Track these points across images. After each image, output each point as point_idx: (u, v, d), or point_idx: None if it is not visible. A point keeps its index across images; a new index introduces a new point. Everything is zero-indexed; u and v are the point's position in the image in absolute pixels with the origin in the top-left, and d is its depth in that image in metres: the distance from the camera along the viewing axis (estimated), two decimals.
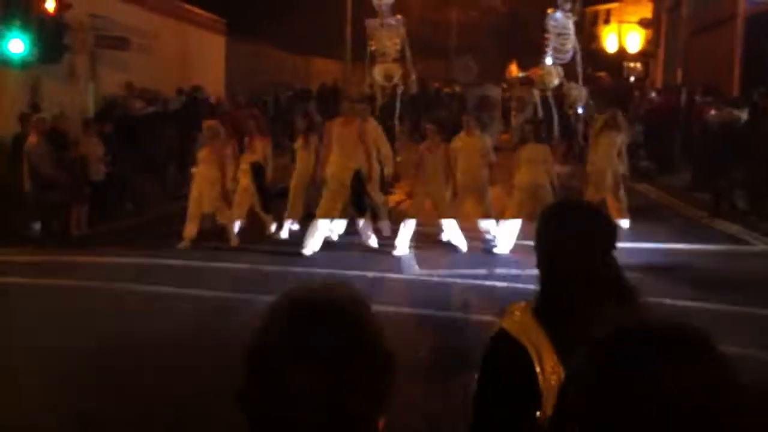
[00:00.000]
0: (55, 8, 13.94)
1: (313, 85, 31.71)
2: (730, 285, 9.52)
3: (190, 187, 11.85)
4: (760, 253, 11.76)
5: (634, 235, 11.63)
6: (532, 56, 37.46)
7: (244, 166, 12.05)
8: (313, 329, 1.35)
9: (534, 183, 11.12)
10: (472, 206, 11.66)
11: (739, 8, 19.80)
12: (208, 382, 5.99)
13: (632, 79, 27.86)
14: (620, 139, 12.70)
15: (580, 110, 17.14)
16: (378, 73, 15.67)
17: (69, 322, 7.98)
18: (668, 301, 8.36)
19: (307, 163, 11.82)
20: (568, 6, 17.09)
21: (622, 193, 12.70)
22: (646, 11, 32.92)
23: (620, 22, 36.56)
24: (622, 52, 34.87)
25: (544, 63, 17.62)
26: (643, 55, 31.35)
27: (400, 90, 16.17)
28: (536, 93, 18.36)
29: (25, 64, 14.09)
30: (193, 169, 11.86)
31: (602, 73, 33.06)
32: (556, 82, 17.20)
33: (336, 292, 1.42)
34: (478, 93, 23.77)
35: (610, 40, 38.21)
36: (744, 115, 14.98)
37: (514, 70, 34.06)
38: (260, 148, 12.22)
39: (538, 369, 2.26)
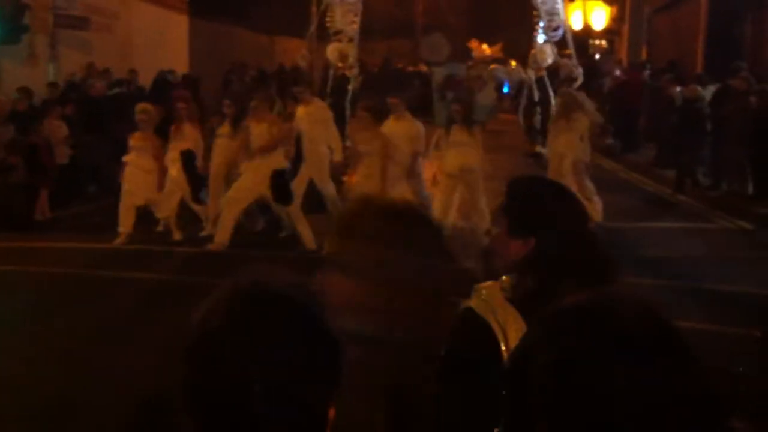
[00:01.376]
0: None
1: (276, 64, 31.49)
2: (690, 262, 9.65)
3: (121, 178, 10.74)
4: (721, 230, 11.91)
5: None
6: (499, 34, 37.56)
7: (173, 154, 10.84)
8: (263, 316, 1.33)
9: (462, 168, 10.03)
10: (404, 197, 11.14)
11: None
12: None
13: (597, 56, 27.91)
14: (582, 123, 11.57)
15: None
16: (332, 52, 15.21)
17: (31, 309, 7.90)
18: (630, 277, 8.44)
19: (227, 154, 10.76)
20: None
21: (588, 183, 11.48)
22: None
23: None
24: (587, 30, 34.92)
25: (535, 42, 17.44)
26: (608, 33, 31.41)
27: (355, 71, 15.71)
28: (530, 73, 18.07)
29: None
30: (125, 158, 10.73)
31: (568, 51, 33.18)
32: (549, 60, 17.01)
33: (280, 278, 1.41)
34: (444, 72, 23.64)
35: (575, 18, 38.22)
36: (708, 93, 15.10)
37: (477, 47, 33.99)
38: (191, 134, 11.03)
39: (503, 346, 2.27)
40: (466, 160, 10.04)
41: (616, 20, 30.88)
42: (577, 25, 38.91)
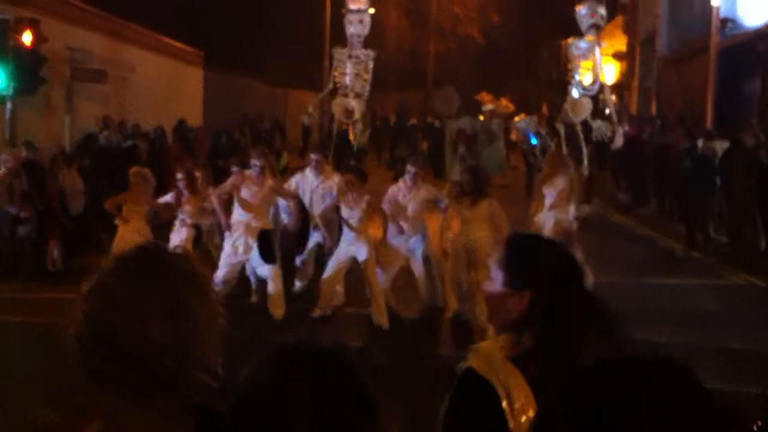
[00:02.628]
0: (32, 41, 13.94)
1: (290, 117, 31.77)
2: (702, 318, 9.60)
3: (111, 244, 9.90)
4: (732, 286, 11.85)
5: (609, 268, 11.66)
6: (509, 86, 37.92)
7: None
8: (308, 374, 1.39)
9: (466, 248, 8.83)
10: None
11: (711, 41, 20.08)
12: None
13: (607, 111, 28.10)
14: (564, 182, 10.36)
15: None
16: (337, 107, 14.71)
17: (41, 359, 7.89)
18: (642, 335, 8.39)
19: None
20: (593, 33, 16.43)
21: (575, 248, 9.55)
22: (621, 44, 33.31)
23: None
24: (581, 83, 35.24)
25: (569, 95, 17.00)
26: (618, 87, 31.68)
27: (358, 128, 15.08)
28: (560, 127, 17.55)
29: (1, 97, 14.07)
30: (117, 221, 9.99)
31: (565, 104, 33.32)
32: (584, 116, 16.39)
33: (323, 338, 1.47)
34: (456, 125, 23.75)
35: (575, 72, 38.57)
36: (718, 148, 15.14)
37: (486, 99, 34.23)
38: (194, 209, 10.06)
39: (506, 407, 2.25)
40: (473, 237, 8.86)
41: (626, 75, 31.14)
42: (587, 79, 39.32)
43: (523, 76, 41.70)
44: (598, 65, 16.10)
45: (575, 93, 16.70)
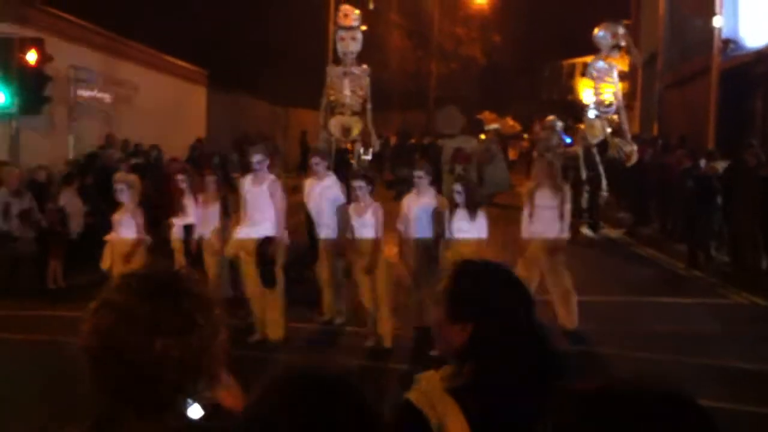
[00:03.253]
0: (36, 60, 14.00)
1: (291, 135, 31.88)
2: (704, 338, 9.58)
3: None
4: (734, 305, 11.84)
5: (610, 286, 11.68)
6: (511, 106, 38.05)
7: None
8: (314, 400, 1.40)
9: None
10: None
11: (713, 62, 20.16)
12: None
13: (609, 130, 28.15)
14: (554, 193, 9.64)
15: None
16: (335, 125, 14.56)
17: (43, 376, 7.90)
18: (643, 354, 8.40)
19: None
20: (616, 53, 16.15)
21: (561, 266, 9.55)
22: (623, 64, 33.39)
23: None
24: (599, 105, 35.30)
25: (585, 116, 16.65)
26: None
27: (359, 147, 15.04)
28: (578, 149, 16.99)
29: (5, 116, 14.13)
30: (107, 237, 9.71)
31: (582, 125, 33.38)
32: (601, 137, 16.20)
33: (329, 364, 1.48)
34: (453, 145, 23.71)
35: (586, 93, 38.68)
36: (720, 168, 15.16)
37: (490, 119, 34.31)
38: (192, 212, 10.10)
39: None
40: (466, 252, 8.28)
41: (628, 96, 31.20)
42: (588, 99, 39.42)
43: (525, 96, 41.86)
44: (616, 86, 15.92)
45: (591, 114, 16.43)
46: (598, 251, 16.16)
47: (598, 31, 16.23)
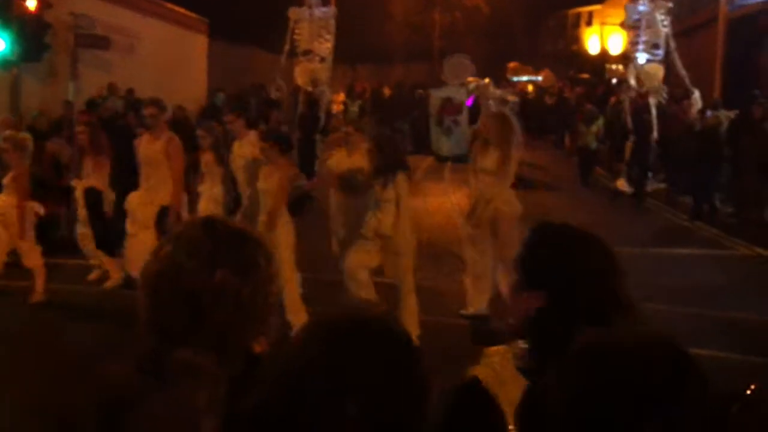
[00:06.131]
0: (36, 7, 13.87)
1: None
2: (709, 289, 9.58)
3: None
4: (738, 257, 11.84)
5: (614, 238, 11.63)
6: (517, 58, 37.65)
7: (78, 193, 9.52)
8: (357, 342, 1.36)
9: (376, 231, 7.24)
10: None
11: (720, 11, 19.94)
12: None
13: (614, 81, 27.95)
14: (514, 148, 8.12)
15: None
16: (301, 74, 13.76)
17: (47, 324, 7.94)
18: (649, 305, 8.39)
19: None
20: None
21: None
22: None
23: (602, 24, 36.72)
24: (604, 54, 35.01)
25: (635, 62, 15.51)
26: (625, 58, 31.46)
27: (327, 96, 13.96)
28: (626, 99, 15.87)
29: (5, 63, 14.01)
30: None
31: (585, 75, 33.15)
32: (656, 83, 15.03)
33: (372, 314, 1.45)
34: (441, 95, 22.94)
35: (592, 42, 38.38)
36: (724, 118, 15.06)
37: (520, 70, 33.71)
38: (95, 169, 9.39)
39: (512, 428, 1.94)
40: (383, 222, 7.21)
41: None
42: (594, 49, 39.14)
43: (530, 47, 41.47)
44: (661, 29, 14.88)
45: (641, 59, 15.44)
46: (604, 202, 16.14)
47: None
